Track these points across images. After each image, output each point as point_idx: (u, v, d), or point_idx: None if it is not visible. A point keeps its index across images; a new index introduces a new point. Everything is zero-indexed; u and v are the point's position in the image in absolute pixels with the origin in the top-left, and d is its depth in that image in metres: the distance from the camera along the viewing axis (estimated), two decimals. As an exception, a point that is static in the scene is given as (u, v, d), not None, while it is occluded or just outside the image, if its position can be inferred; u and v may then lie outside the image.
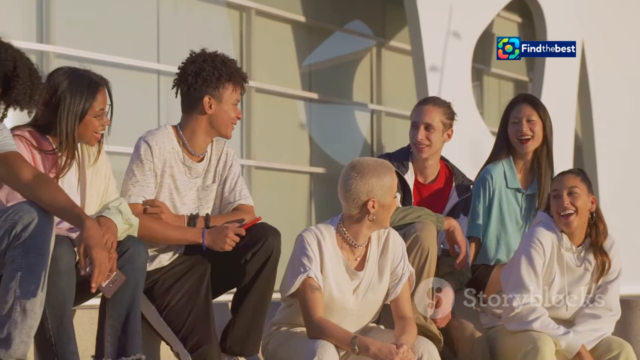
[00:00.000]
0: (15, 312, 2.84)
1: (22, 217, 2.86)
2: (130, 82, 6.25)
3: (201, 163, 3.59)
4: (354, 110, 8.04)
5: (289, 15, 7.40)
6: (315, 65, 7.76)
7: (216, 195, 3.62)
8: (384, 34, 8.21)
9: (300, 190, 7.56)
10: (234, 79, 3.51)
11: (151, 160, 3.47)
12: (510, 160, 4.11)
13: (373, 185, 3.30)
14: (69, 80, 3.21)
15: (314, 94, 7.63)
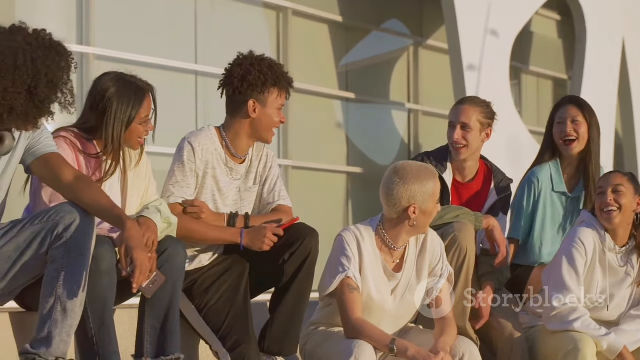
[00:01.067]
0: (56, 312, 2.87)
1: (63, 218, 2.90)
2: (169, 83, 6.29)
3: (243, 165, 3.60)
4: (391, 109, 8.01)
5: (326, 15, 7.40)
6: (352, 65, 7.75)
7: (256, 196, 3.64)
8: (422, 33, 8.17)
9: (337, 190, 7.56)
10: (279, 83, 3.52)
11: (193, 161, 3.49)
12: (556, 162, 4.08)
13: (415, 192, 3.27)
14: (117, 86, 3.24)
15: (351, 93, 7.62)
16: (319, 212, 7.11)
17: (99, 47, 6.00)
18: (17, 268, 2.91)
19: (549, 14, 9.17)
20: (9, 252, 2.90)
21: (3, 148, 2.92)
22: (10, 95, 2.78)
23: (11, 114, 2.80)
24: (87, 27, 5.99)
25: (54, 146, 3.04)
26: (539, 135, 8.39)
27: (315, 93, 7.33)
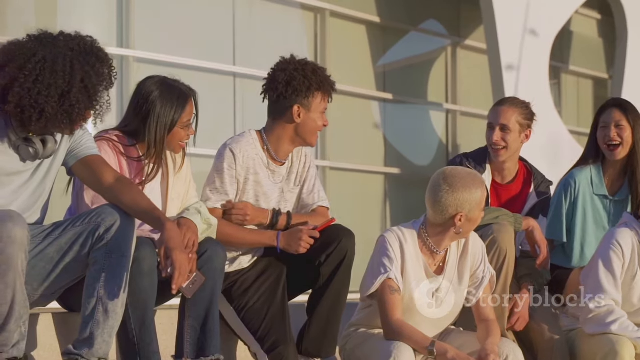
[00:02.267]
0: (97, 312, 2.90)
1: (104, 220, 2.92)
2: (207, 85, 6.33)
3: (284, 167, 3.61)
4: (429, 110, 7.99)
5: (363, 16, 7.40)
6: (389, 66, 7.74)
7: (297, 198, 3.65)
8: (459, 32, 8.13)
9: (374, 191, 7.55)
10: (323, 88, 3.52)
11: (234, 168, 3.50)
12: (598, 166, 4.03)
13: (463, 200, 3.25)
14: (160, 90, 3.26)
15: (389, 94, 7.60)
16: (356, 213, 7.11)
17: (138, 49, 6.06)
18: (59, 269, 2.94)
19: (589, 13, 9.08)
20: (51, 253, 2.94)
21: (46, 151, 2.96)
22: (42, 98, 2.81)
23: (41, 117, 2.83)
24: (127, 30, 6.05)
25: (95, 148, 3.08)
26: (578, 135, 8.31)
27: (352, 94, 7.33)
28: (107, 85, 2.92)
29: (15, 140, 2.92)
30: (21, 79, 2.81)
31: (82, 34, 2.94)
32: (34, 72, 2.82)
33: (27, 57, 2.84)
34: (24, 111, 2.82)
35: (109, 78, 2.92)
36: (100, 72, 2.89)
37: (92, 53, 2.89)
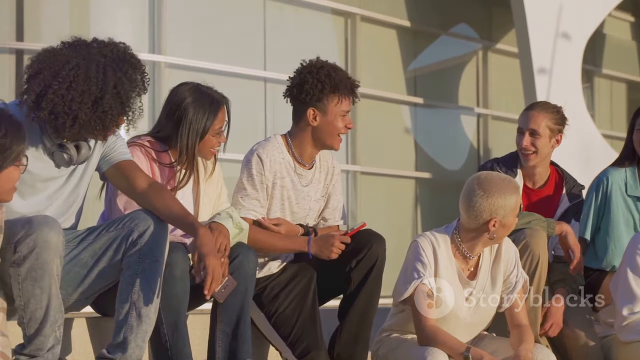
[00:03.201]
0: (131, 317, 2.92)
1: (138, 225, 2.94)
2: (238, 90, 6.36)
3: (310, 171, 3.62)
4: (460, 114, 7.95)
5: (394, 20, 7.39)
6: (420, 70, 7.72)
7: (319, 210, 3.65)
8: (490, 36, 8.09)
9: (405, 195, 7.53)
10: (338, 90, 3.50)
11: (262, 173, 3.51)
12: (634, 168, 4.00)
13: (498, 206, 3.23)
14: (193, 96, 3.28)
15: (419, 98, 7.58)
16: (387, 218, 7.09)
17: (169, 55, 6.10)
18: (93, 274, 2.97)
19: (623, 15, 8.99)
20: (85, 258, 2.96)
21: (80, 157, 2.99)
22: (76, 105, 2.84)
23: (74, 123, 2.86)
24: (159, 35, 6.09)
25: (128, 154, 3.10)
26: (612, 139, 8.23)
27: (383, 98, 7.32)
28: (139, 91, 2.95)
29: (49, 146, 2.95)
30: (55, 85, 2.84)
31: (115, 41, 2.97)
32: (67, 78, 2.84)
33: (60, 64, 2.86)
34: (57, 118, 2.85)
35: (142, 84, 2.95)
36: (132, 79, 2.91)
37: (124, 59, 2.92)
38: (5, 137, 2.52)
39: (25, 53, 5.77)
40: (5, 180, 2.56)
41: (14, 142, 2.53)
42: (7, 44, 5.81)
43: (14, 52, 5.84)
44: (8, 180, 2.57)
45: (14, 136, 2.53)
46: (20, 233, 2.70)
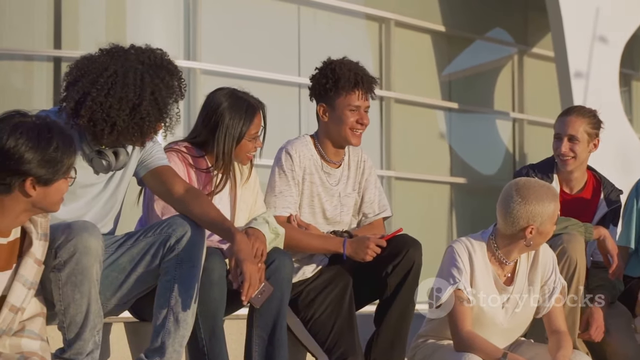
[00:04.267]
0: (168, 322, 2.93)
1: (175, 230, 2.96)
2: (272, 96, 6.38)
3: (339, 169, 3.62)
4: (495, 119, 7.91)
5: (428, 25, 7.37)
6: (455, 75, 7.69)
7: (356, 205, 3.65)
8: (526, 41, 8.04)
9: (440, 200, 7.50)
10: (340, 84, 3.50)
11: (292, 169, 3.52)
12: None
13: (535, 213, 3.21)
14: (229, 102, 3.30)
15: (454, 103, 7.55)
16: (422, 223, 7.07)
17: (204, 62, 6.14)
18: (131, 279, 2.99)
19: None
20: (123, 263, 2.98)
21: (118, 163, 3.02)
22: (114, 112, 2.86)
23: (112, 130, 2.88)
24: (194, 42, 6.13)
25: (166, 159, 3.12)
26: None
27: (418, 103, 7.30)
28: (176, 97, 2.97)
29: (88, 153, 2.98)
30: (93, 93, 2.86)
31: (152, 47, 2.99)
32: (105, 86, 2.87)
33: (99, 71, 2.89)
34: (96, 125, 2.88)
35: (179, 90, 2.97)
36: (169, 85, 2.93)
37: (162, 66, 2.94)
38: (57, 150, 2.54)
39: (63, 60, 5.84)
40: (54, 193, 2.59)
41: (65, 155, 2.56)
42: (45, 52, 5.88)
43: (51, 59, 5.92)
44: (57, 192, 2.60)
45: (65, 149, 2.56)
46: (60, 238, 2.73)
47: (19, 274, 2.64)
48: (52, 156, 2.54)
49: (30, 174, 2.53)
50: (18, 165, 2.51)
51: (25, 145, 2.51)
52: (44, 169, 2.54)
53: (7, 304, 2.61)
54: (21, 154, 2.51)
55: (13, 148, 2.50)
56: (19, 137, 2.51)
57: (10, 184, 2.53)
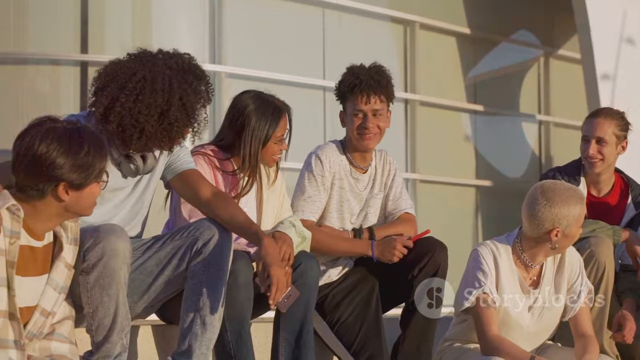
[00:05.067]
0: (196, 325, 2.94)
1: (202, 234, 2.97)
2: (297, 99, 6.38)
3: (366, 174, 3.62)
4: (521, 121, 7.87)
5: (453, 27, 7.35)
6: (480, 77, 7.66)
7: (380, 205, 3.64)
8: (552, 42, 8.00)
9: (466, 203, 7.47)
10: (345, 89, 3.53)
11: (322, 174, 3.53)
12: None
13: (560, 216, 3.19)
14: (256, 104, 3.32)
15: (479, 105, 7.53)
16: (447, 226, 7.04)
17: (229, 65, 6.16)
18: (158, 282, 3.00)
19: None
20: (150, 266, 2.99)
21: (145, 167, 3.03)
22: (143, 117, 2.87)
23: (141, 136, 2.89)
24: (219, 46, 6.16)
25: (192, 163, 3.13)
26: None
27: (443, 106, 7.28)
28: (204, 102, 2.98)
29: (116, 157, 2.99)
30: (122, 98, 2.88)
31: (179, 52, 3.00)
32: (134, 91, 2.88)
33: (127, 76, 2.91)
34: (125, 130, 2.90)
35: (206, 95, 2.98)
36: (197, 90, 2.94)
37: (189, 71, 2.95)
38: (88, 155, 2.56)
39: (90, 65, 5.88)
40: (87, 197, 2.61)
41: (96, 159, 2.58)
42: (71, 56, 5.93)
43: (78, 64, 5.96)
44: (90, 197, 2.61)
45: (97, 154, 2.58)
46: (88, 242, 2.74)
47: (50, 278, 2.66)
48: (84, 161, 2.56)
49: (62, 179, 2.55)
50: (50, 171, 2.53)
51: (57, 150, 2.53)
52: (76, 173, 2.56)
53: (39, 308, 2.64)
54: (53, 159, 2.53)
55: (45, 154, 2.52)
56: (51, 143, 2.53)
57: (44, 190, 2.56)
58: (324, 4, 6.66)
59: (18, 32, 5.88)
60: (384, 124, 3.55)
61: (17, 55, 5.87)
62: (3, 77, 5.87)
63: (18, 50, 5.87)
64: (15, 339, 2.55)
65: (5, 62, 5.86)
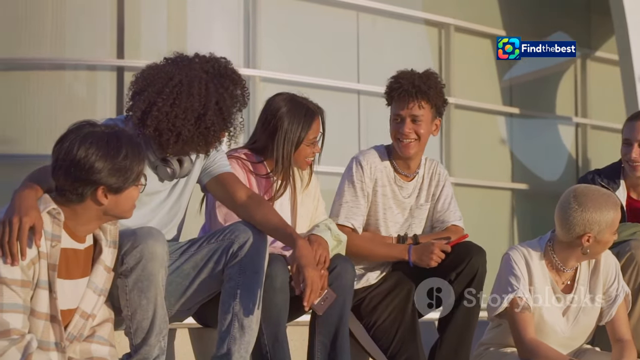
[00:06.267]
0: (234, 328, 2.95)
1: (238, 237, 2.97)
2: (332, 103, 6.38)
3: (412, 182, 3.59)
4: (558, 124, 7.81)
5: (489, 30, 7.31)
6: (515, 79, 7.61)
7: (427, 215, 3.62)
8: (589, 44, 7.92)
9: (501, 207, 7.42)
10: (390, 93, 3.50)
11: (362, 180, 3.51)
12: None
13: (592, 221, 3.16)
14: (288, 107, 3.32)
15: (515, 108, 7.48)
16: (483, 230, 6.99)
17: (264, 69, 6.18)
18: (195, 285, 3.01)
19: None
20: (187, 269, 3.01)
21: (182, 171, 3.04)
22: (179, 122, 2.88)
23: (178, 140, 2.90)
24: (254, 50, 6.18)
25: (228, 166, 3.14)
26: None
27: (478, 109, 7.24)
28: (240, 106, 2.98)
29: (153, 160, 3.01)
30: (159, 103, 2.89)
31: (216, 56, 3.01)
32: (171, 95, 2.90)
33: (164, 81, 2.92)
34: (161, 134, 2.91)
35: (242, 99, 2.98)
36: (233, 94, 2.95)
37: (225, 75, 2.96)
38: (126, 158, 2.58)
39: (126, 70, 5.93)
40: (126, 200, 2.62)
41: (134, 163, 2.60)
42: (108, 61, 5.98)
43: (114, 69, 6.01)
44: (129, 200, 2.63)
45: (135, 157, 2.60)
46: (126, 245, 2.76)
47: (90, 281, 2.69)
48: (122, 164, 2.58)
49: (101, 183, 2.57)
50: (89, 175, 2.55)
51: (95, 154, 2.55)
52: (115, 177, 2.58)
53: (79, 310, 2.66)
54: (91, 163, 2.55)
55: (84, 158, 2.54)
56: (89, 147, 2.55)
57: (83, 194, 2.58)
58: (359, 8, 6.65)
59: (55, 38, 5.95)
60: (424, 132, 3.48)
61: (54, 61, 5.93)
62: (41, 83, 5.93)
63: (55, 56, 5.93)
64: (57, 341, 2.58)
65: (42, 67, 5.93)
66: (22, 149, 5.78)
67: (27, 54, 5.88)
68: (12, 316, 2.48)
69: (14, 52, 5.89)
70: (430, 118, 3.51)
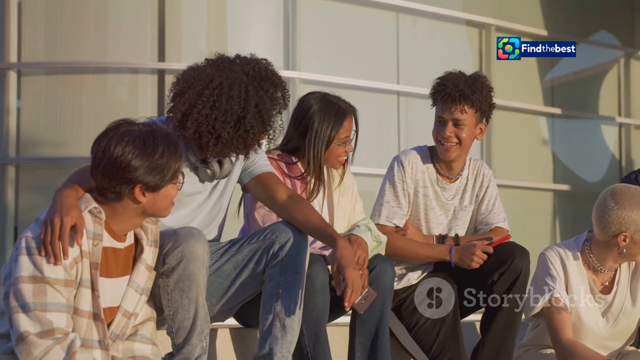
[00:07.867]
0: (275, 328, 2.95)
1: (279, 237, 2.98)
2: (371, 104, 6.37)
3: (454, 184, 3.56)
4: (600, 124, 7.71)
5: (530, 29, 7.25)
6: (558, 79, 7.54)
7: (471, 216, 3.59)
8: (633, 43, 7.81)
9: (543, 208, 7.35)
10: (434, 95, 3.46)
11: (403, 180, 3.49)
12: None
13: (629, 220, 3.11)
14: (319, 105, 3.31)
15: (557, 109, 7.40)
16: (525, 231, 6.93)
17: (304, 71, 6.18)
18: (236, 285, 3.01)
19: None
20: (228, 270, 3.01)
21: (222, 172, 3.05)
22: (219, 124, 2.88)
23: (217, 142, 2.91)
24: (294, 52, 6.19)
25: (269, 166, 3.14)
26: None
27: (519, 109, 7.18)
28: (280, 109, 2.98)
29: (194, 162, 3.03)
30: (199, 105, 2.90)
31: (257, 57, 3.01)
32: (211, 98, 2.90)
33: (205, 83, 2.92)
34: (201, 136, 2.92)
35: (282, 102, 2.97)
36: (273, 97, 2.95)
37: (266, 77, 2.95)
38: (163, 156, 2.59)
39: (167, 73, 5.98)
40: (163, 198, 2.63)
41: (171, 161, 2.60)
42: (149, 65, 6.03)
43: (156, 72, 6.06)
44: (166, 198, 2.64)
45: (171, 155, 2.60)
46: (168, 245, 2.78)
47: (131, 280, 2.70)
48: (159, 162, 2.59)
49: (138, 181, 2.58)
50: (126, 173, 2.57)
51: (132, 153, 2.56)
52: (151, 175, 2.59)
53: (121, 309, 2.68)
54: (128, 161, 2.56)
55: (120, 157, 2.56)
56: (126, 146, 2.56)
57: (120, 192, 2.59)
58: (398, 9, 6.64)
59: (98, 42, 6.02)
60: (466, 136, 3.43)
61: (97, 65, 6.00)
62: (84, 86, 6.01)
63: (98, 60, 6.00)
64: (100, 339, 2.60)
65: (85, 71, 6.00)
66: (67, 152, 5.86)
67: (70, 58, 5.96)
68: (55, 315, 2.51)
69: (58, 57, 5.97)
70: (474, 122, 3.46)
